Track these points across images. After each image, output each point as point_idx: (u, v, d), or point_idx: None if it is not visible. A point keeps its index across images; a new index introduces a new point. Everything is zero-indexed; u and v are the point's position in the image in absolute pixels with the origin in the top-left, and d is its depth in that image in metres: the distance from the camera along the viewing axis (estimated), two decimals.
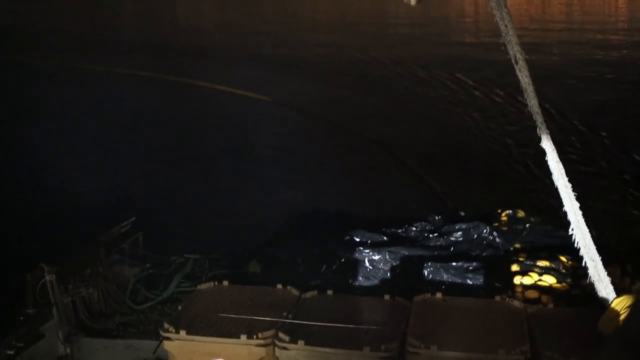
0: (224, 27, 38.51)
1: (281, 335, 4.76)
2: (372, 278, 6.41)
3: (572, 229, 4.60)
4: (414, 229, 7.20)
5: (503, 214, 7.42)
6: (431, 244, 6.77)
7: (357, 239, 6.95)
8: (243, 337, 4.77)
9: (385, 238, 6.98)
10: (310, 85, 23.67)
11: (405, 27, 38.67)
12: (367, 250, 6.65)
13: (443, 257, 6.43)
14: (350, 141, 17.42)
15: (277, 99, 21.15)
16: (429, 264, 6.33)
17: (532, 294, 5.82)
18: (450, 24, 42.57)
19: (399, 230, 7.14)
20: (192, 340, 4.88)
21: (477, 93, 21.76)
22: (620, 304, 4.33)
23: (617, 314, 4.28)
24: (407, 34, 36.88)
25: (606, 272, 4.68)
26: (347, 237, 7.04)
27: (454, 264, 6.30)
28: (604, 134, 16.45)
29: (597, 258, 4.63)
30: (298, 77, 24.79)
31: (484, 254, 6.50)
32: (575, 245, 4.64)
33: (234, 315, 5.04)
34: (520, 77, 4.48)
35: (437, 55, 28.53)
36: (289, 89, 22.84)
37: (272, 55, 29.35)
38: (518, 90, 4.53)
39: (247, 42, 32.70)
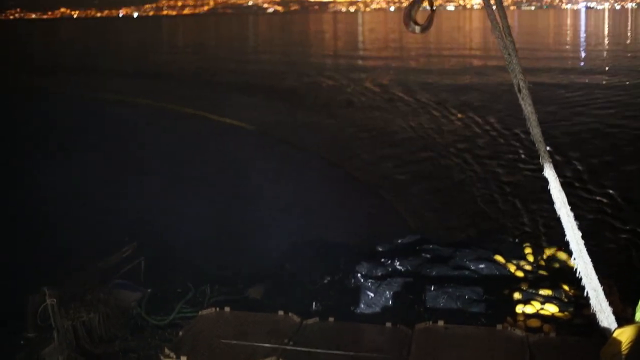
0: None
1: None
2: (373, 305, 6.40)
3: (574, 258, 4.61)
4: (415, 257, 7.19)
5: (505, 243, 7.42)
6: (433, 272, 6.76)
7: (359, 267, 6.94)
8: None
9: (386, 266, 6.97)
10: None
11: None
12: (369, 278, 6.65)
13: (445, 285, 6.41)
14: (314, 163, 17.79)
15: (260, 127, 22.36)
16: (431, 291, 6.32)
17: (534, 323, 5.79)
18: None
19: (401, 258, 7.13)
20: None
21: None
22: (622, 334, 4.32)
23: (619, 344, 4.27)
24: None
25: (608, 302, 4.68)
26: (349, 265, 7.03)
27: (456, 292, 6.29)
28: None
29: (599, 288, 4.63)
30: None
31: (486, 282, 6.49)
32: (577, 274, 4.65)
33: (235, 342, 5.03)
34: (523, 105, 4.51)
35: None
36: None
37: None
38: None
39: None
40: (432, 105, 25.97)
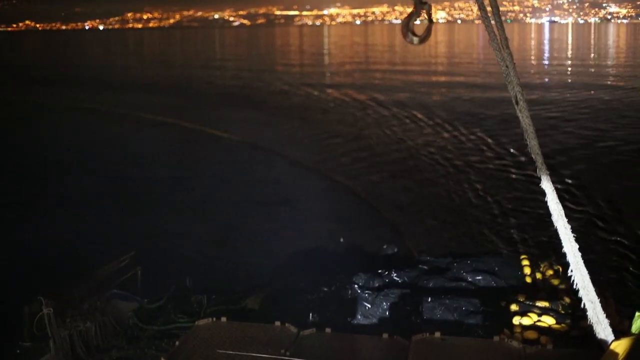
0: None
1: None
2: (370, 317, 6.39)
3: (571, 270, 4.61)
4: (412, 268, 7.19)
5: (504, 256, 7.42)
6: (430, 284, 6.76)
7: (356, 278, 6.93)
8: None
9: (383, 277, 6.97)
10: None
11: None
12: (366, 289, 6.64)
13: (442, 296, 6.41)
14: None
15: (248, 140, 22.95)
16: (428, 303, 6.31)
17: (531, 335, 5.78)
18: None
19: (398, 270, 7.13)
20: None
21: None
22: (619, 346, 4.32)
23: (616, 356, 4.27)
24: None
25: (605, 314, 4.67)
26: (346, 276, 7.02)
27: (453, 303, 6.29)
28: None
29: (596, 299, 4.63)
30: None
31: (483, 294, 6.49)
32: (574, 286, 4.64)
33: (231, 352, 5.02)
34: (520, 117, 4.51)
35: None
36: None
37: None
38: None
39: None
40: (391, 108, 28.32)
